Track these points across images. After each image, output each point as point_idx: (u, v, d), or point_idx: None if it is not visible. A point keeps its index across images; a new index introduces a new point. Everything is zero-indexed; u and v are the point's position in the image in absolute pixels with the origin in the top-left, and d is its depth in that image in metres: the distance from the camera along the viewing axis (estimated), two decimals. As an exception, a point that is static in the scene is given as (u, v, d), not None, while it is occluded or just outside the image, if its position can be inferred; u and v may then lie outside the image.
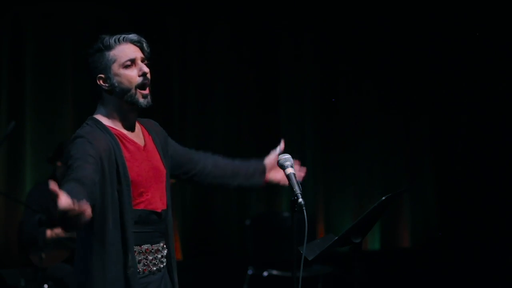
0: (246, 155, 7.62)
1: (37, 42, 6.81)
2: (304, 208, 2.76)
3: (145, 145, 2.93)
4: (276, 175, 3.32)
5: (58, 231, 5.34)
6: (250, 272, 6.32)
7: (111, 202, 2.76)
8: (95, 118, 2.90)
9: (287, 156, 2.94)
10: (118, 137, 2.85)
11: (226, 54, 7.52)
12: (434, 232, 7.91)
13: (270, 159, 3.33)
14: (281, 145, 3.32)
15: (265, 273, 6.25)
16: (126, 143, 2.87)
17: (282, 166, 2.91)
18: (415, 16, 7.76)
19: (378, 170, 7.96)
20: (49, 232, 5.28)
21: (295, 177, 2.87)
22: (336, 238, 2.97)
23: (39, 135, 6.64)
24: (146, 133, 2.98)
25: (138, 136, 2.93)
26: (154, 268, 2.89)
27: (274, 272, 6.24)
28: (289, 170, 2.88)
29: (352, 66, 7.90)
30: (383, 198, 2.95)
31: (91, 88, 2.94)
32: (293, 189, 2.82)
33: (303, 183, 2.93)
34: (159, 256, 2.92)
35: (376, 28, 7.77)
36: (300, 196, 2.79)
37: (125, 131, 2.89)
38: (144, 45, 2.94)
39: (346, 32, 7.80)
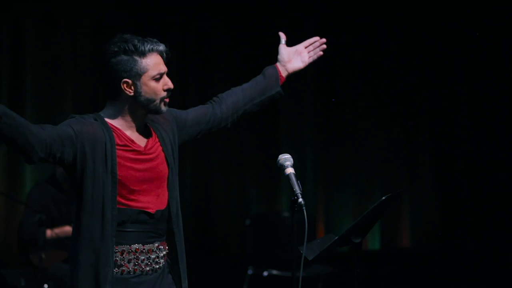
0: (246, 155, 7.70)
1: (37, 42, 6.81)
2: (304, 208, 2.76)
3: (145, 147, 2.91)
4: (294, 64, 3.31)
5: (58, 231, 5.34)
6: (250, 272, 6.32)
7: (92, 188, 2.77)
8: (98, 114, 2.90)
9: (287, 156, 2.93)
10: (116, 134, 2.85)
11: (226, 53, 7.52)
12: (434, 232, 7.91)
13: (281, 55, 3.31)
14: (283, 37, 3.33)
15: (265, 273, 6.25)
16: (125, 142, 2.86)
17: (282, 166, 2.91)
18: (415, 16, 7.75)
19: (378, 170, 7.95)
20: (49, 232, 5.28)
21: (295, 177, 2.86)
22: (336, 238, 2.97)
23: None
24: (152, 132, 2.96)
25: (141, 137, 2.92)
26: (147, 268, 2.87)
27: (274, 272, 6.24)
28: (289, 170, 2.88)
29: (352, 66, 7.89)
30: (383, 198, 2.95)
31: (107, 86, 2.88)
32: (293, 189, 2.82)
33: (303, 183, 2.93)
34: (153, 256, 2.89)
35: (376, 28, 7.76)
36: (300, 196, 2.78)
37: (127, 132, 2.88)
38: (166, 57, 2.94)
39: (346, 32, 7.80)
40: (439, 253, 7.58)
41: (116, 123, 2.87)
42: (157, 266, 2.91)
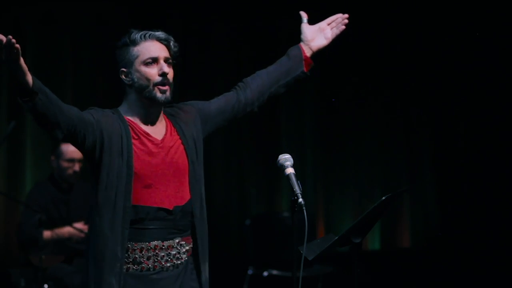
0: (246, 155, 7.69)
1: (37, 42, 6.81)
2: (304, 208, 2.76)
3: (163, 140, 2.92)
4: (318, 42, 3.38)
5: (58, 231, 5.34)
6: (250, 272, 6.32)
7: (107, 178, 2.79)
8: (116, 109, 2.95)
9: (287, 156, 2.93)
10: (132, 128, 2.88)
11: (226, 53, 7.51)
12: (434, 232, 7.90)
13: (304, 34, 3.36)
14: (304, 16, 3.38)
15: (265, 273, 6.25)
16: (141, 136, 2.89)
17: (282, 166, 2.91)
18: (415, 16, 7.75)
19: (378, 170, 7.95)
20: (48, 233, 5.27)
21: (295, 177, 2.86)
22: (336, 238, 2.97)
23: (39, 135, 6.64)
24: (170, 126, 2.98)
25: (158, 131, 2.94)
26: (168, 265, 2.89)
27: (274, 272, 6.24)
28: (289, 170, 2.88)
29: (352, 66, 7.89)
30: (383, 198, 2.95)
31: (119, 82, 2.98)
32: (293, 189, 2.82)
33: (303, 183, 2.93)
34: (174, 252, 2.90)
35: (376, 28, 7.75)
36: (300, 196, 2.78)
37: (143, 126, 2.91)
38: (171, 43, 2.96)
39: (346, 32, 7.78)
40: (439, 253, 7.57)
41: (131, 117, 2.91)
42: (179, 262, 2.92)
